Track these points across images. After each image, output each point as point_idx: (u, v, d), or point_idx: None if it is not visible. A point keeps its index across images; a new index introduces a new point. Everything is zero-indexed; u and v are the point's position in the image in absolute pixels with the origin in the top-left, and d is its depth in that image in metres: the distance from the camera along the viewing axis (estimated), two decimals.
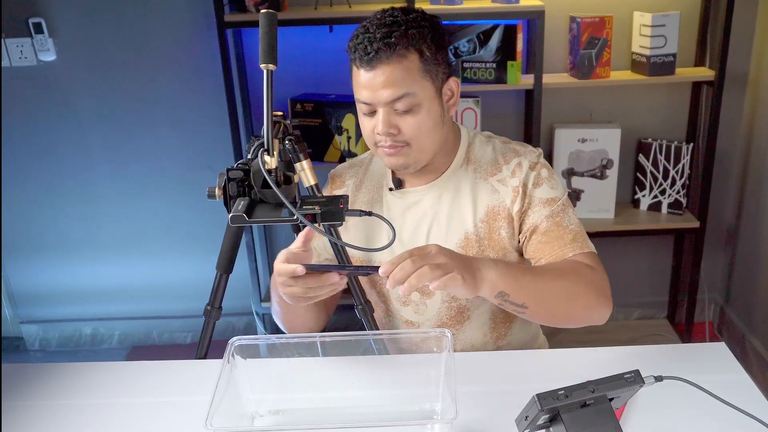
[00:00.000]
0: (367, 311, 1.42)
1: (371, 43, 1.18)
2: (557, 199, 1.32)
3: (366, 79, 1.21)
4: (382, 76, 1.19)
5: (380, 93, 1.20)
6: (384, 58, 1.18)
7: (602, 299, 1.23)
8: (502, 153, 1.36)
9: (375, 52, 1.18)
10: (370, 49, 1.18)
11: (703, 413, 1.09)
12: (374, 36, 1.19)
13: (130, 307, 2.93)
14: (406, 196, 1.38)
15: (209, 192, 1.08)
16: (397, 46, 1.18)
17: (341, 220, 1.06)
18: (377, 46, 1.18)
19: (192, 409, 1.15)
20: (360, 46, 1.19)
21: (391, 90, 1.20)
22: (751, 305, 2.59)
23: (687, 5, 2.39)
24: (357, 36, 1.22)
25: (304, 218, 1.02)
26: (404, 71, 1.20)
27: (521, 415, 0.89)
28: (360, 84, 1.23)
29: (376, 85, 1.20)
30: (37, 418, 1.20)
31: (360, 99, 1.24)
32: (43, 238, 2.81)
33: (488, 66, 2.34)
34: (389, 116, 1.23)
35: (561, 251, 1.28)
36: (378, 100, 1.21)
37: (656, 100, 2.55)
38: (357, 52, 1.20)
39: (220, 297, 1.47)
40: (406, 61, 1.20)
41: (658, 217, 2.56)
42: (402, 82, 1.20)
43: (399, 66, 1.19)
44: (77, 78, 2.57)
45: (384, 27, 1.19)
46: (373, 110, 1.24)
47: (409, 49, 1.20)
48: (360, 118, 1.29)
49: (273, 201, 1.07)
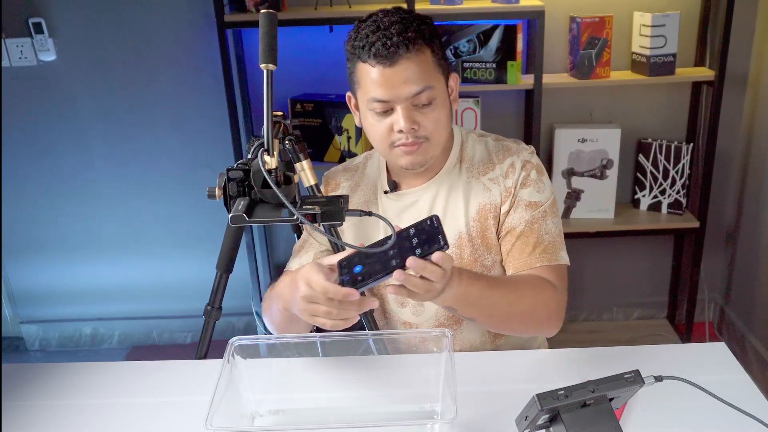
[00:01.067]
0: (368, 311, 1.42)
1: (390, 38, 1.18)
2: (540, 204, 1.32)
3: (383, 76, 1.20)
4: (405, 72, 1.19)
5: (402, 88, 1.20)
6: (404, 53, 1.18)
7: (553, 320, 1.26)
8: (495, 151, 1.36)
9: (396, 48, 1.18)
10: (390, 44, 1.17)
11: (703, 413, 1.08)
12: (390, 32, 1.18)
13: (130, 307, 2.93)
14: (402, 198, 1.37)
15: (209, 192, 1.08)
16: (417, 41, 1.19)
17: (341, 220, 1.06)
18: (397, 41, 1.17)
19: (192, 409, 1.15)
20: (378, 44, 1.18)
21: (414, 84, 1.20)
22: (751, 305, 2.59)
23: (687, 5, 2.39)
24: (367, 35, 1.20)
25: (304, 218, 1.02)
26: (424, 65, 1.21)
27: (521, 415, 0.89)
28: (374, 82, 1.21)
29: (398, 81, 1.19)
30: (37, 418, 1.20)
31: (375, 97, 1.22)
32: (43, 238, 2.81)
33: (488, 66, 2.34)
34: (409, 111, 1.22)
35: (528, 260, 1.30)
36: (400, 95, 1.20)
37: (656, 100, 2.55)
38: (372, 49, 1.19)
39: (220, 297, 1.47)
40: (423, 55, 1.21)
41: (658, 217, 2.56)
42: (423, 76, 1.20)
43: (418, 60, 1.20)
44: (77, 78, 2.57)
45: (398, 24, 1.19)
46: (388, 108, 1.23)
47: (424, 44, 1.21)
48: (369, 120, 1.26)
49: (273, 201, 1.07)
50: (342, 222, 1.07)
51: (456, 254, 1.34)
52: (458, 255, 1.34)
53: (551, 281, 1.27)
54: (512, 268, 1.31)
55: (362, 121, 1.30)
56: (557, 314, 1.26)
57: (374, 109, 1.24)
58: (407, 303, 1.40)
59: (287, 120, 1.34)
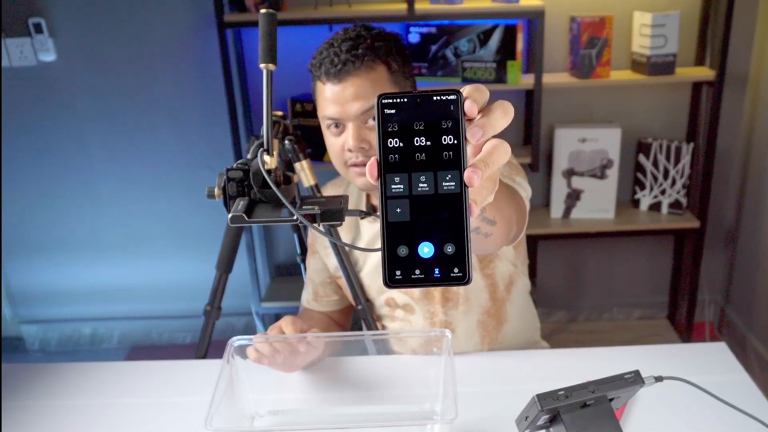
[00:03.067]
0: (367, 311, 1.42)
1: (338, 56, 1.18)
2: (509, 175, 1.23)
3: (333, 93, 1.20)
4: (352, 88, 1.19)
5: (350, 106, 1.19)
6: (352, 70, 1.18)
7: (523, 221, 1.15)
8: None
9: (343, 64, 1.17)
10: (337, 61, 1.17)
11: (703, 413, 1.09)
12: (340, 49, 1.18)
13: (129, 307, 2.93)
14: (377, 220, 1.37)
15: (209, 192, 1.08)
16: (365, 57, 1.18)
17: (341, 220, 1.06)
18: (345, 58, 1.17)
19: (192, 409, 1.15)
20: (326, 60, 1.19)
21: (362, 102, 1.19)
22: (751, 305, 2.59)
23: (687, 5, 2.39)
24: (321, 52, 1.21)
25: (303, 218, 1.02)
26: (373, 82, 1.19)
27: (521, 416, 0.89)
28: (327, 99, 1.21)
29: (346, 98, 1.19)
30: (37, 418, 1.20)
31: (327, 115, 1.22)
32: (43, 238, 2.81)
33: (488, 66, 2.33)
34: (360, 130, 1.21)
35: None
36: (348, 113, 1.20)
37: (656, 100, 2.55)
38: (323, 67, 1.20)
39: (220, 297, 1.47)
40: (374, 72, 1.19)
41: (658, 217, 2.56)
42: (372, 94, 1.19)
43: (368, 77, 1.19)
44: (77, 78, 2.57)
45: (349, 41, 1.19)
46: (341, 126, 1.23)
47: (376, 61, 1.19)
48: (327, 139, 1.27)
49: (273, 201, 1.07)
50: (342, 222, 1.07)
51: None
52: None
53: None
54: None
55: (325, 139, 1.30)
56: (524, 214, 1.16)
57: (329, 126, 1.24)
58: (395, 318, 1.41)
59: (287, 120, 1.34)
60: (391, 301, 1.40)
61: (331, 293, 1.51)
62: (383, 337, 1.31)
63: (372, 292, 1.42)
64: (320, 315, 1.53)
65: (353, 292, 1.41)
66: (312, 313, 1.53)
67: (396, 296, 1.39)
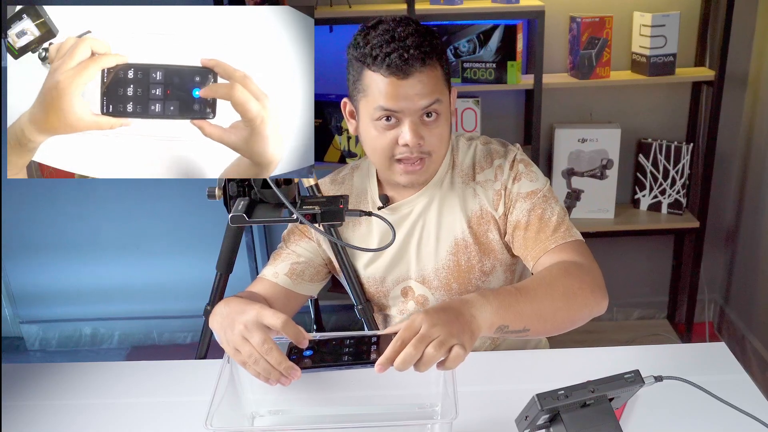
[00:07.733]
0: (367, 311, 1.42)
1: (406, 50, 1.16)
2: (538, 191, 1.30)
3: (396, 87, 1.17)
4: (419, 85, 1.18)
5: (414, 101, 1.18)
6: (419, 66, 1.17)
7: (598, 293, 1.20)
8: (483, 155, 1.35)
9: (413, 60, 1.16)
10: (407, 56, 1.15)
11: (703, 413, 1.09)
12: (406, 44, 1.16)
13: (130, 307, 2.93)
14: (395, 211, 1.36)
15: (209, 192, 1.08)
16: (432, 55, 1.18)
17: (341, 220, 1.06)
18: (414, 54, 1.16)
19: (192, 409, 1.15)
20: (394, 55, 1.15)
21: (426, 98, 1.18)
22: (751, 305, 2.59)
23: (687, 5, 2.39)
24: (381, 45, 1.16)
25: (304, 218, 1.02)
26: (436, 79, 1.20)
27: (521, 415, 0.89)
28: (384, 92, 1.18)
29: (411, 93, 1.18)
30: (37, 418, 1.20)
31: (385, 107, 1.19)
32: (43, 238, 2.81)
33: (488, 66, 2.34)
34: (417, 126, 1.20)
35: (543, 244, 1.26)
36: (410, 108, 1.19)
37: (656, 100, 2.55)
38: (387, 60, 1.16)
39: (220, 297, 1.47)
40: (435, 70, 1.20)
41: (658, 217, 2.56)
42: (435, 90, 1.19)
43: (431, 75, 1.19)
44: None
45: (414, 36, 1.17)
46: (394, 120, 1.21)
47: (436, 59, 1.20)
48: (372, 132, 1.23)
49: (273, 201, 1.07)
50: (342, 222, 1.07)
51: (453, 261, 1.34)
52: (455, 262, 1.34)
53: (573, 259, 1.23)
54: (531, 259, 1.28)
55: (362, 131, 1.27)
56: (597, 285, 1.21)
57: (380, 119, 1.21)
58: (406, 311, 1.40)
59: None
60: (408, 290, 1.39)
61: (311, 279, 1.39)
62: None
63: (388, 283, 1.39)
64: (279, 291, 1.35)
65: (353, 292, 1.41)
66: (273, 288, 1.34)
67: (414, 286, 1.38)
